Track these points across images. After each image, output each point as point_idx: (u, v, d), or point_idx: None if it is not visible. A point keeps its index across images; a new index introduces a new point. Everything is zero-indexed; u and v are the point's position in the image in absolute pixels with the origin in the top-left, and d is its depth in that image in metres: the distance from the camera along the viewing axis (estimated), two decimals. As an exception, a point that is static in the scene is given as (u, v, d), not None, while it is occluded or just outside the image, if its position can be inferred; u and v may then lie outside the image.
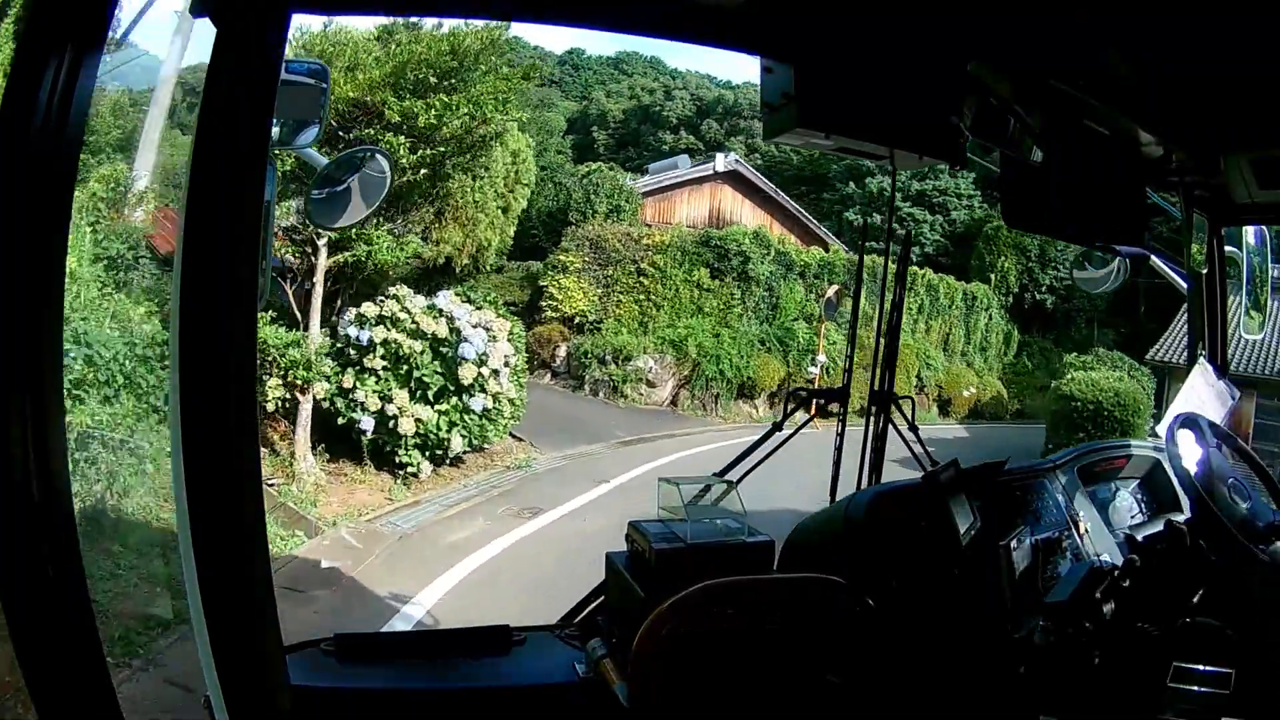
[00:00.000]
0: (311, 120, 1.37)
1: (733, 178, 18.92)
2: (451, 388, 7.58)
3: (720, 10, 1.24)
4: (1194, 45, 1.26)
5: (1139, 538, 1.73)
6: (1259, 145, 1.72)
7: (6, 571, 0.78)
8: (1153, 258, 2.43)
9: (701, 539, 1.45)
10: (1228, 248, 2.27)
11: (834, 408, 2.02)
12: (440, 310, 7.65)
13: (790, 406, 2.11)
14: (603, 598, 1.60)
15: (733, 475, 1.74)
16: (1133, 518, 2.00)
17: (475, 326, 7.72)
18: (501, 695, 1.35)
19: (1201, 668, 1.34)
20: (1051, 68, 1.40)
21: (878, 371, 1.88)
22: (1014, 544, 1.55)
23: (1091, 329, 22.19)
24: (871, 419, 1.92)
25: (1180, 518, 1.74)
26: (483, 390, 7.71)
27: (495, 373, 7.76)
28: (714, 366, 13.98)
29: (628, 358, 13.65)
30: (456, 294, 8.07)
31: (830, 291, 14.78)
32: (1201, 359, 2.22)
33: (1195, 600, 1.51)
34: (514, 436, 9.53)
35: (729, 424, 13.76)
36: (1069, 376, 13.16)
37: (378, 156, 1.63)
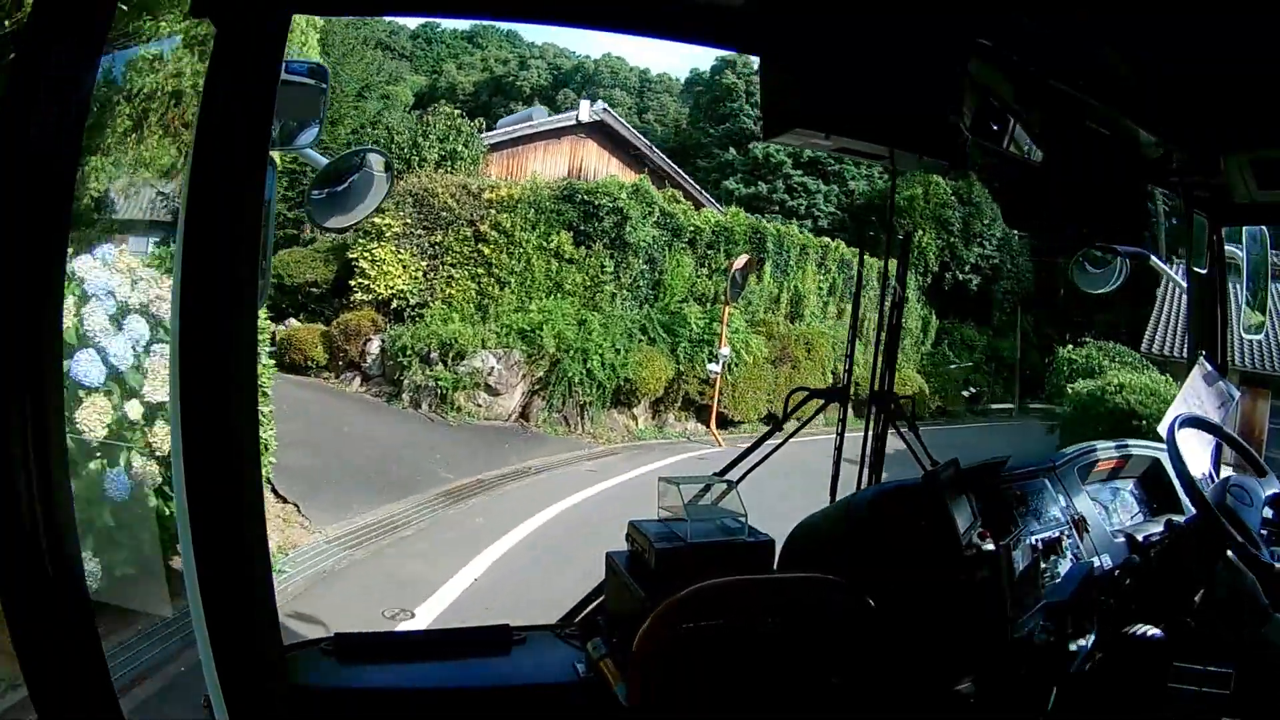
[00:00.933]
0: (311, 120, 1.37)
1: (599, 131, 15.12)
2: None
3: (720, 10, 1.24)
4: (1194, 45, 1.26)
5: (1139, 538, 1.73)
6: (1259, 145, 1.72)
7: (6, 572, 0.78)
8: (1153, 258, 2.43)
9: (701, 539, 1.45)
10: (1228, 247, 2.27)
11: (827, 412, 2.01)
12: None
13: (790, 406, 2.11)
14: (602, 597, 1.60)
15: (732, 475, 1.74)
16: (1133, 518, 2.00)
17: (125, 313, 3.15)
18: (501, 695, 1.35)
19: (1201, 668, 1.34)
20: (1051, 68, 1.40)
21: (878, 371, 1.88)
22: (1014, 544, 1.55)
23: (1015, 314, 20.28)
24: (871, 419, 1.92)
25: (1180, 518, 1.74)
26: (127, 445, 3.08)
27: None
28: (578, 365, 10.04)
29: (460, 354, 9.71)
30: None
31: (738, 264, 11.13)
32: (1201, 359, 2.22)
33: (1195, 600, 1.51)
34: (275, 494, 5.65)
35: (602, 443, 9.97)
36: (1114, 381, 9.42)
37: (378, 156, 1.63)
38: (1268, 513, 1.60)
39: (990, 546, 1.50)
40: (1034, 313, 21.06)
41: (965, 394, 17.89)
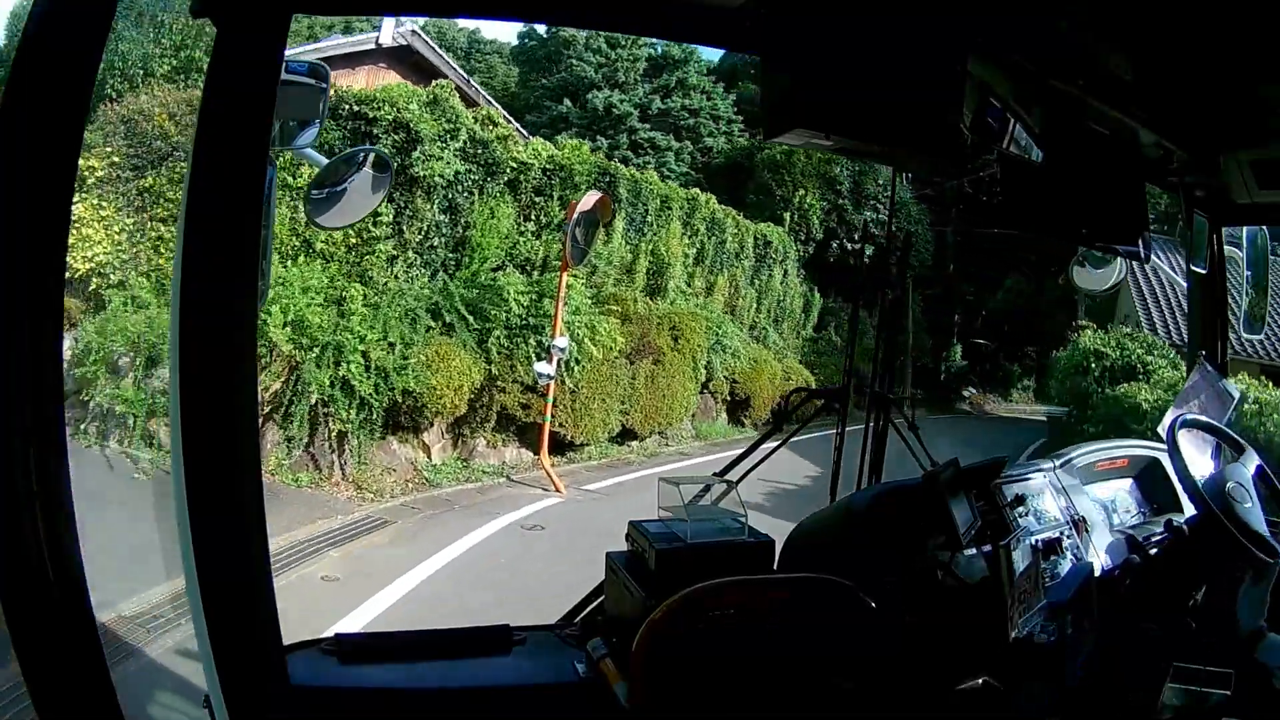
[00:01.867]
0: (311, 120, 1.37)
1: (405, 59, 11.99)
2: None
3: (720, 10, 1.24)
4: (1193, 44, 1.26)
5: (1139, 538, 1.73)
6: (1259, 145, 1.72)
7: (6, 572, 0.78)
8: (1153, 258, 2.43)
9: (701, 539, 1.45)
10: (1228, 247, 2.27)
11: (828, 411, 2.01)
12: None
13: (789, 406, 2.11)
14: (602, 597, 1.60)
15: (732, 475, 1.74)
16: (1133, 518, 2.00)
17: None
18: (501, 695, 1.35)
19: (1201, 668, 1.35)
20: (1051, 68, 1.40)
21: (877, 371, 1.88)
22: (1014, 544, 1.55)
23: (907, 293, 19.07)
24: (871, 419, 1.92)
25: (1180, 518, 1.74)
26: None
27: None
28: (327, 371, 6.11)
29: (155, 361, 5.97)
30: None
31: (583, 205, 6.96)
32: (1201, 359, 2.22)
33: (1195, 600, 1.51)
34: None
35: (371, 494, 6.21)
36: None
37: (378, 156, 1.64)
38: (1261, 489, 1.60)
39: (990, 547, 1.50)
40: (924, 292, 17.93)
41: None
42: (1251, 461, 1.70)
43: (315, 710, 1.21)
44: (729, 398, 11.74)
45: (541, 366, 7.15)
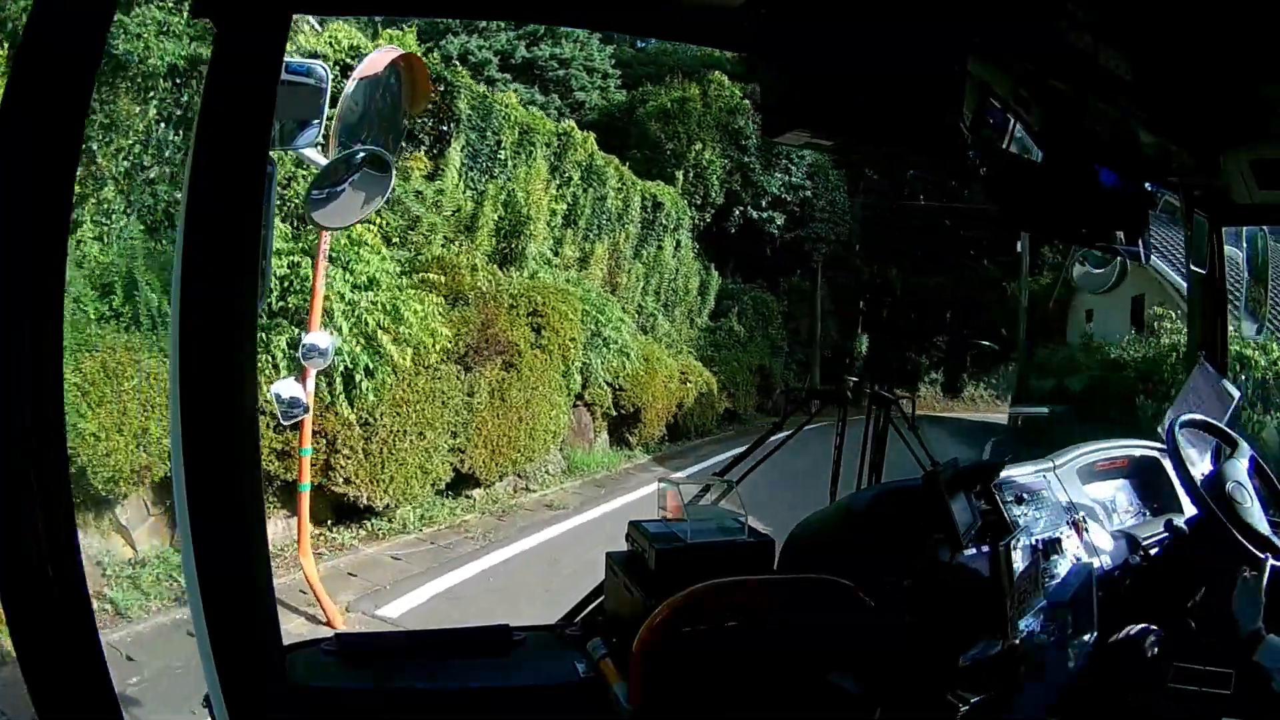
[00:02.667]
0: (311, 120, 1.37)
1: None
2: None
3: (719, 10, 1.24)
4: (1193, 44, 1.26)
5: (1139, 538, 1.73)
6: (1259, 145, 1.72)
7: (6, 572, 0.78)
8: (1153, 257, 2.43)
9: (701, 539, 1.45)
10: (1227, 247, 2.27)
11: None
12: None
13: (789, 406, 2.11)
14: (602, 597, 1.60)
15: (732, 475, 1.74)
16: (1133, 518, 2.00)
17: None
18: (501, 695, 1.35)
19: (1201, 668, 1.35)
20: (1051, 67, 1.40)
21: (877, 371, 1.88)
22: (1014, 544, 1.55)
23: (817, 274, 15.02)
24: (871, 419, 1.92)
25: (1180, 518, 1.74)
26: None
27: None
28: None
29: None
30: None
31: (366, 68, 2.42)
32: (1201, 359, 2.22)
33: (1195, 600, 1.51)
34: None
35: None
36: None
37: (378, 156, 1.64)
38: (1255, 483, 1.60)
39: (990, 547, 1.50)
40: (832, 274, 15.40)
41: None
42: (1250, 460, 1.70)
43: (315, 710, 1.21)
44: (613, 411, 8.45)
45: (284, 387, 3.57)
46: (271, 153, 0.97)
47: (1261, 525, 1.55)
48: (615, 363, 8.54)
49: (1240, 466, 1.64)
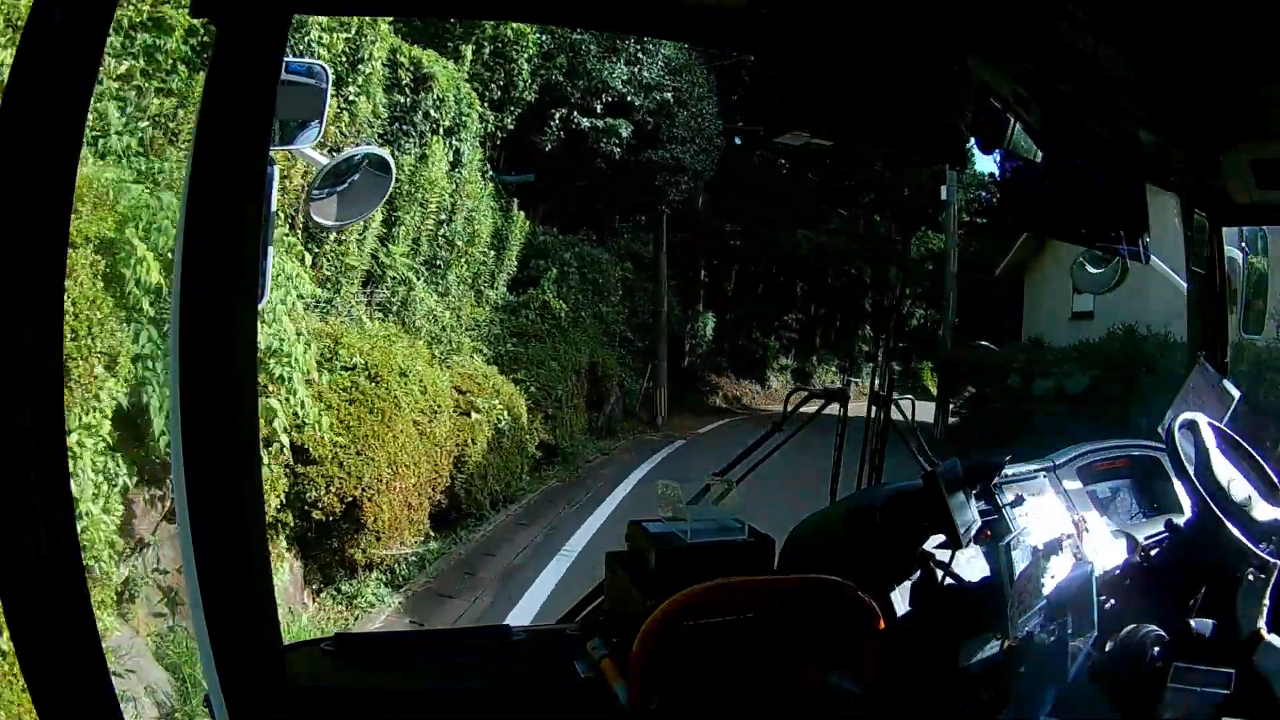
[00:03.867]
0: (311, 120, 1.37)
1: None
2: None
3: (719, 10, 1.25)
4: (1193, 43, 1.26)
5: (1139, 538, 1.73)
6: (1259, 145, 1.72)
7: (6, 572, 0.78)
8: (1153, 258, 2.43)
9: (701, 539, 1.45)
10: (1227, 247, 2.27)
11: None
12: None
13: (790, 406, 2.11)
14: (602, 597, 1.60)
15: (733, 475, 1.74)
16: (1133, 518, 2.00)
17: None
18: (501, 695, 1.35)
19: (1201, 668, 1.35)
20: (1051, 67, 1.40)
21: (877, 371, 1.88)
22: (1014, 544, 1.55)
23: (661, 220, 10.46)
24: (871, 419, 1.92)
25: (1180, 518, 1.74)
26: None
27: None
28: None
29: None
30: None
31: None
32: (1201, 359, 2.22)
33: (1195, 600, 1.51)
34: None
35: None
36: None
37: (378, 157, 1.64)
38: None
39: (990, 547, 1.50)
40: (679, 234, 10.88)
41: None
42: (1251, 460, 1.70)
43: (315, 710, 1.21)
44: (294, 518, 4.39)
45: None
46: (271, 152, 0.97)
47: (1263, 516, 1.55)
48: (288, 400, 4.05)
49: (1244, 471, 1.64)
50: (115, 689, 0.84)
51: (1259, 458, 1.79)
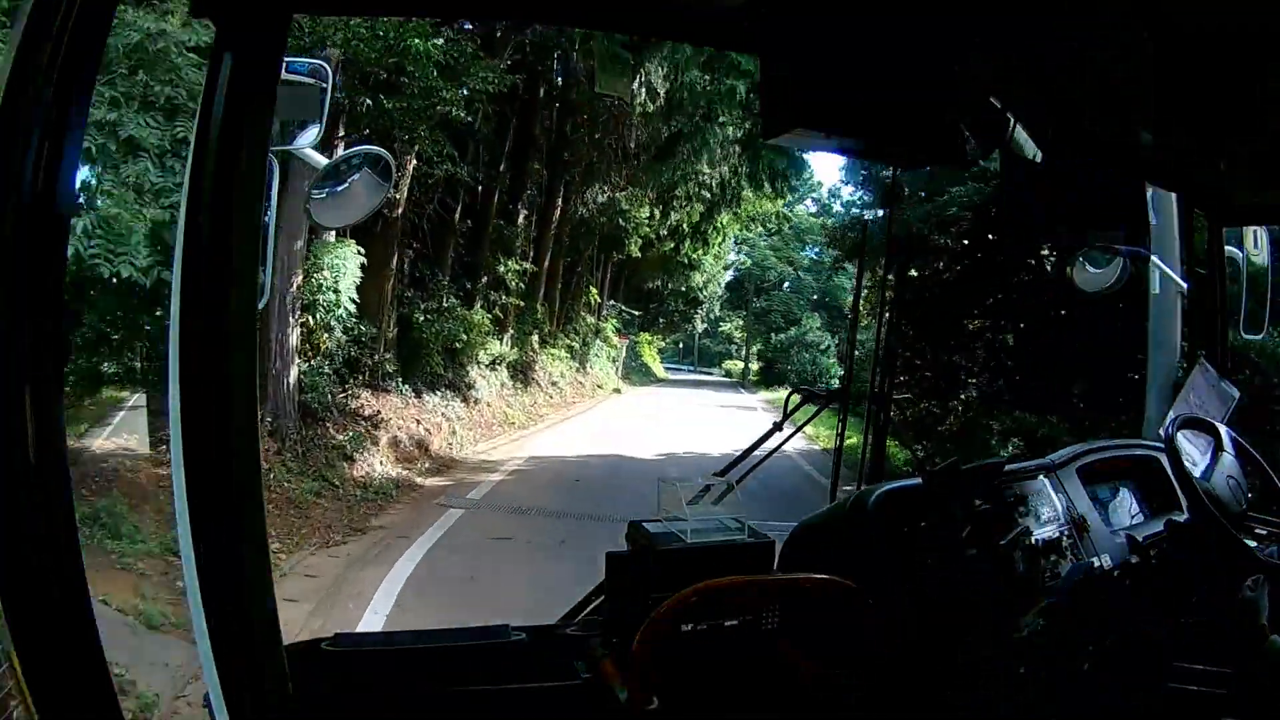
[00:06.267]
0: (311, 120, 1.37)
1: None
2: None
3: (719, 10, 1.25)
4: (1194, 43, 1.26)
5: (1139, 538, 1.73)
6: (1259, 145, 1.72)
7: (6, 572, 0.78)
8: (1153, 258, 2.43)
9: (701, 539, 1.45)
10: (1227, 247, 2.27)
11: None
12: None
13: (790, 406, 2.11)
14: (602, 597, 1.60)
15: (732, 475, 1.74)
16: (1133, 518, 2.00)
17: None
18: (501, 695, 1.35)
19: (1201, 668, 1.35)
20: (1052, 67, 1.40)
21: (877, 371, 1.89)
22: (1014, 544, 1.55)
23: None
24: (871, 419, 1.92)
25: (1180, 518, 1.74)
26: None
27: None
28: None
29: None
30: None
31: None
32: (1201, 359, 2.22)
33: (1195, 600, 1.51)
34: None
35: None
36: None
37: (378, 156, 1.64)
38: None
39: (990, 547, 1.50)
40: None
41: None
42: (1251, 460, 1.70)
43: (315, 711, 1.21)
44: None
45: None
46: (271, 152, 0.97)
47: (1262, 516, 1.55)
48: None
49: (1244, 471, 1.64)
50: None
51: (1259, 458, 1.79)
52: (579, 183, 16.56)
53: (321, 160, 1.57)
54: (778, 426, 2.06)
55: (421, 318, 10.77)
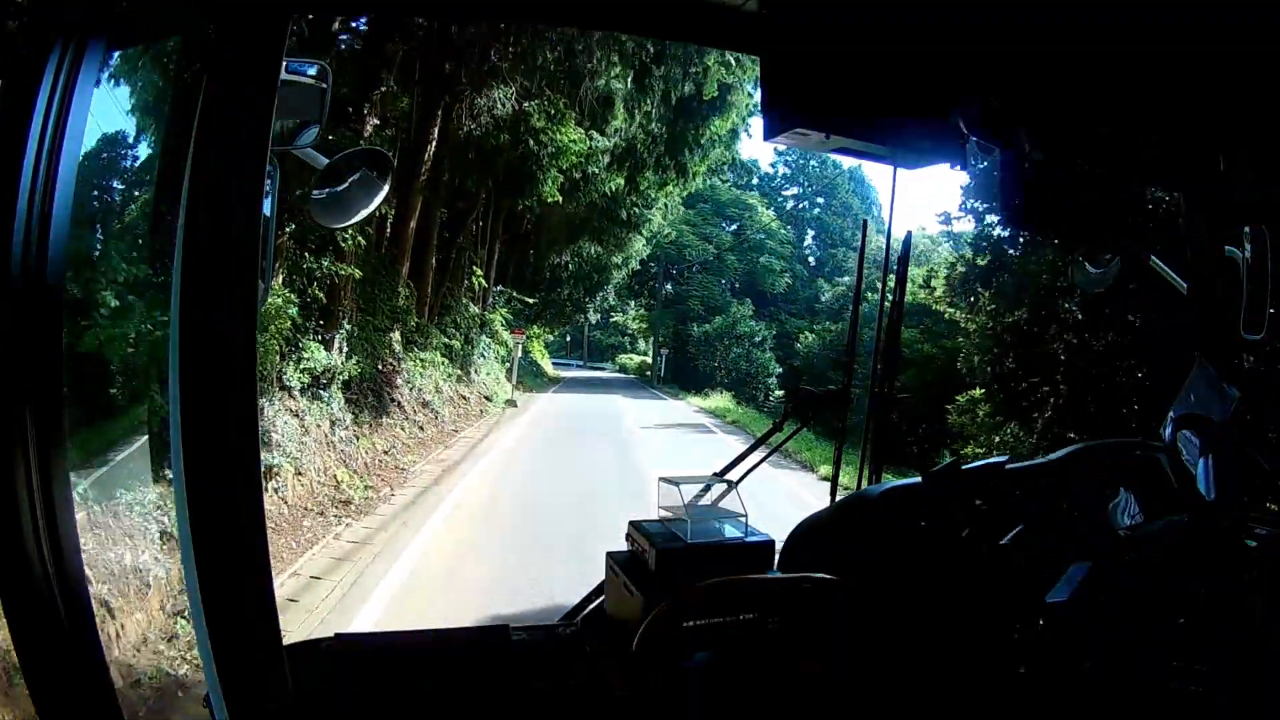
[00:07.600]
0: (311, 120, 1.37)
1: None
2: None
3: (720, 10, 1.25)
4: (1194, 43, 1.26)
5: (1139, 537, 1.73)
6: (1259, 144, 1.72)
7: (6, 572, 0.78)
8: (1153, 258, 2.42)
9: (701, 539, 1.45)
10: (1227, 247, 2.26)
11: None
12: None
13: (790, 406, 2.11)
14: (602, 597, 1.60)
15: (732, 475, 1.74)
16: (1133, 518, 2.00)
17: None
18: (501, 695, 1.35)
19: (1201, 668, 1.34)
20: (1052, 67, 1.39)
21: (877, 371, 1.88)
22: (1014, 544, 1.55)
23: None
24: (871, 419, 1.92)
25: (1180, 518, 1.74)
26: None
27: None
28: None
29: None
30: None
31: None
32: (1200, 359, 2.21)
33: (1195, 600, 1.50)
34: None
35: None
36: None
37: (378, 156, 1.63)
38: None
39: (990, 547, 1.50)
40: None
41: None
42: (1251, 460, 1.69)
43: (315, 710, 1.21)
44: None
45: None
46: (271, 152, 0.97)
47: (1262, 516, 1.55)
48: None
49: (1243, 471, 1.63)
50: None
51: (1259, 458, 1.79)
52: (469, 83, 10.62)
53: (322, 160, 1.57)
54: (778, 426, 2.06)
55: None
